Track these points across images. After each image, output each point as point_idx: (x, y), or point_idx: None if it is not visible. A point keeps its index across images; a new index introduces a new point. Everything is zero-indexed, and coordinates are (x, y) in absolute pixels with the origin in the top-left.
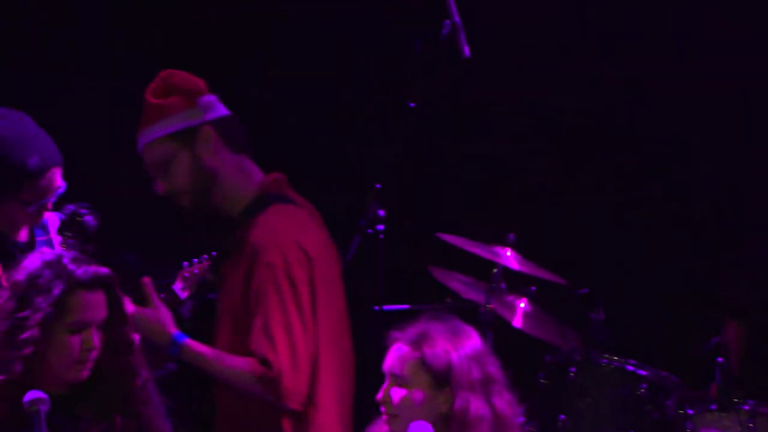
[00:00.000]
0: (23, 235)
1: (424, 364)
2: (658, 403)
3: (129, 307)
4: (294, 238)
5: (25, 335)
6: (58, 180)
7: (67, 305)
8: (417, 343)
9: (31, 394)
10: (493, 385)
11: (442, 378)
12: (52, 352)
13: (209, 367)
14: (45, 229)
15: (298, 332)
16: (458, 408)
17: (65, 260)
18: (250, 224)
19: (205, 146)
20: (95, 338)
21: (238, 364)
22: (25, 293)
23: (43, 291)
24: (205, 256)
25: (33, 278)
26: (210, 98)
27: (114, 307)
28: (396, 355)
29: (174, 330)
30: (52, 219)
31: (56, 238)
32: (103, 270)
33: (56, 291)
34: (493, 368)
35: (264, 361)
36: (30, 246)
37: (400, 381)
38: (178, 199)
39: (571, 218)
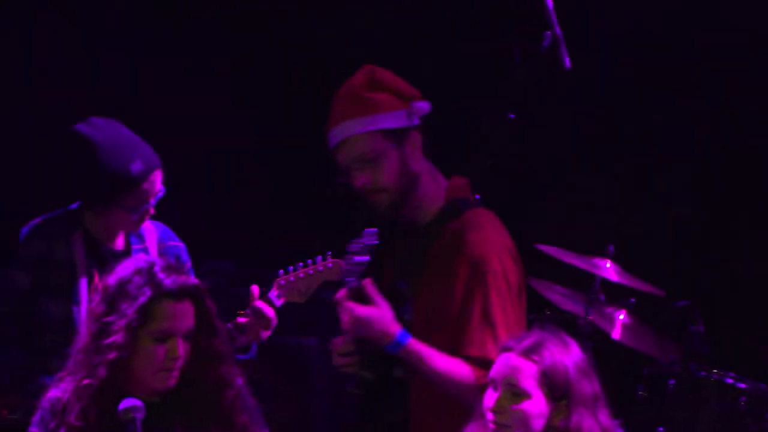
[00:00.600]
0: (119, 243)
1: (543, 376)
2: (758, 416)
3: (357, 309)
4: (505, 243)
5: (109, 340)
6: (158, 183)
7: (153, 313)
8: (534, 354)
9: (127, 402)
10: (600, 400)
11: (559, 391)
12: (137, 358)
13: (427, 367)
14: (141, 237)
15: None
16: (574, 423)
17: (156, 268)
18: (446, 231)
19: (412, 150)
20: (180, 348)
21: (460, 368)
22: (113, 298)
23: (130, 297)
24: (300, 264)
25: (122, 283)
26: (423, 104)
27: (203, 318)
28: (510, 365)
29: (398, 329)
30: (148, 228)
31: (152, 247)
32: (192, 281)
33: (142, 298)
34: (597, 382)
35: (488, 366)
36: (126, 254)
37: (515, 391)
38: (376, 196)
39: (670, 229)
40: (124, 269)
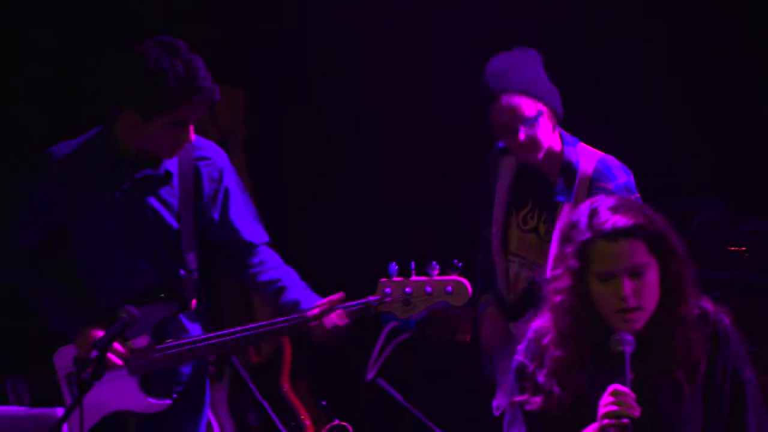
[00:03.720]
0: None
1: None
2: None
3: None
4: None
5: (555, 284)
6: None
7: (591, 255)
8: None
9: (618, 334)
10: None
11: None
12: (594, 299)
13: None
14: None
15: None
16: None
17: (602, 208)
18: None
19: None
20: (626, 287)
21: None
22: (562, 240)
23: (572, 241)
24: None
25: (570, 227)
26: None
27: (657, 255)
28: None
29: None
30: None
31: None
32: (627, 222)
33: (581, 241)
34: None
35: None
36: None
37: None
38: None
39: None
40: (578, 211)
